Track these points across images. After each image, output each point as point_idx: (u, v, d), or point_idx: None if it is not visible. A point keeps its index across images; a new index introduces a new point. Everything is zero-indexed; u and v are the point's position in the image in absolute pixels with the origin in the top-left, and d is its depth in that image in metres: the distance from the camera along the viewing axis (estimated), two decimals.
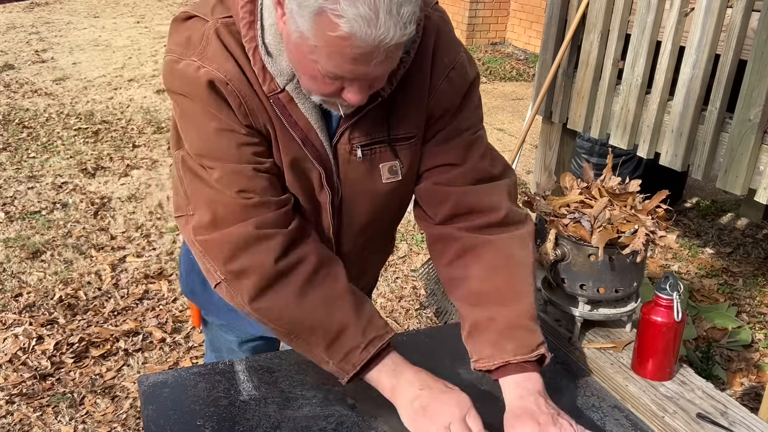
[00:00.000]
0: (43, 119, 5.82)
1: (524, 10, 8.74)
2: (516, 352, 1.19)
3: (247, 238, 1.16)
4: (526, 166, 5.22)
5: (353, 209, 1.30)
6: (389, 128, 1.23)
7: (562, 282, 1.50)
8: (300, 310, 1.18)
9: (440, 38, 1.24)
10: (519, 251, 1.28)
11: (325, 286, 1.19)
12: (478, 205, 1.28)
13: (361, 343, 1.17)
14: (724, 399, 1.35)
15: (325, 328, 1.18)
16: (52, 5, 10.97)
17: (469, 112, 1.30)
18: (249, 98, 1.16)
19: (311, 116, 1.19)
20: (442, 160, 1.29)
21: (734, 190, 2.60)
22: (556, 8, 3.29)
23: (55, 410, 2.59)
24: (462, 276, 1.28)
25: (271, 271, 1.16)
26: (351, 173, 1.26)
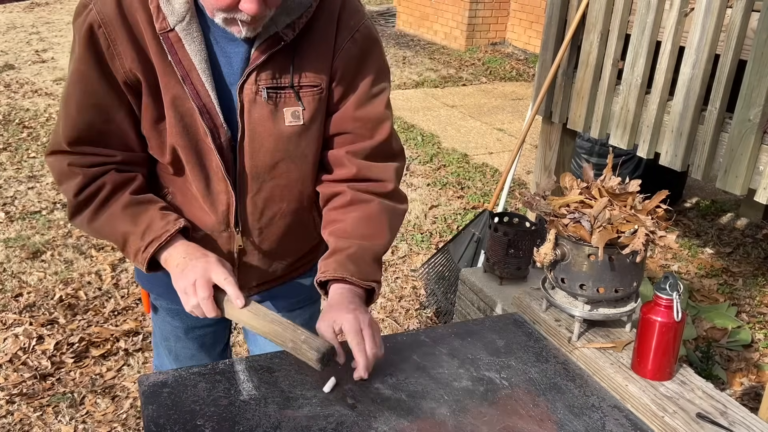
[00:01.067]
0: (43, 119, 5.82)
1: (524, 10, 8.74)
2: (353, 275, 1.37)
3: (61, 172, 1.37)
4: (526, 166, 5.22)
5: (256, 149, 1.38)
6: (293, 74, 1.34)
7: (562, 282, 1.51)
8: (95, 229, 1.40)
9: (346, 3, 1.38)
10: (393, 217, 1.46)
11: (111, 208, 1.37)
12: (374, 176, 1.44)
13: (141, 246, 1.35)
14: (723, 399, 1.35)
15: (114, 239, 1.39)
16: (52, 5, 10.97)
17: (375, 76, 1.41)
18: (120, 43, 1.27)
19: (195, 57, 1.29)
20: (353, 131, 1.42)
21: (734, 190, 2.60)
22: (556, 8, 3.30)
23: (55, 410, 2.59)
24: (340, 219, 1.44)
25: (72, 202, 1.38)
26: (255, 113, 1.35)
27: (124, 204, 1.36)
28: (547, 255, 1.48)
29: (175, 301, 1.45)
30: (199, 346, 1.71)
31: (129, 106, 1.35)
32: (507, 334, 1.55)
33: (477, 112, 6.60)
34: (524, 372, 1.41)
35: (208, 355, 1.74)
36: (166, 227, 1.35)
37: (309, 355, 1.26)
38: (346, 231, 1.41)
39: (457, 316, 2.54)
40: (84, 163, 1.36)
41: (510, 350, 1.48)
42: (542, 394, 1.34)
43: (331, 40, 1.36)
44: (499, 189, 3.37)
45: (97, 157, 1.36)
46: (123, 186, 1.38)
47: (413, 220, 4.25)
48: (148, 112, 1.34)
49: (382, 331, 3.14)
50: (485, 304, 2.28)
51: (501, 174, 4.12)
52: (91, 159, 1.36)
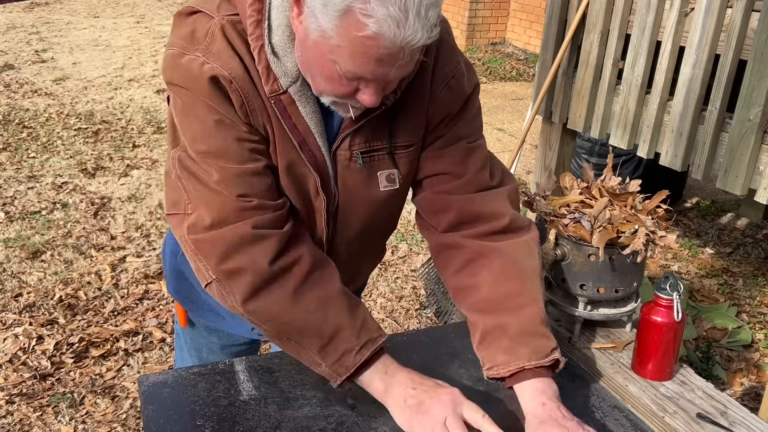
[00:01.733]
0: (43, 119, 5.82)
1: (524, 10, 8.74)
2: (531, 357, 1.19)
3: (243, 238, 1.14)
4: (526, 166, 5.22)
5: (349, 215, 1.30)
6: (387, 137, 1.23)
7: (562, 282, 1.50)
8: (294, 311, 1.17)
9: (441, 47, 1.23)
10: (526, 257, 1.28)
11: (319, 288, 1.18)
12: (482, 212, 1.28)
13: (355, 345, 1.17)
14: (724, 399, 1.35)
15: (319, 329, 1.17)
16: (52, 5, 10.97)
17: (467, 120, 1.29)
18: (251, 98, 1.14)
19: (311, 121, 1.18)
20: (441, 169, 1.29)
21: (734, 190, 2.60)
22: (556, 8, 3.29)
23: (55, 410, 2.59)
24: (471, 284, 1.27)
25: (266, 271, 1.15)
26: (349, 179, 1.25)
27: (341, 290, 1.18)
28: (547, 255, 1.48)
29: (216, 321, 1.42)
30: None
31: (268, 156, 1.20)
32: None
33: None
34: None
35: None
36: (379, 332, 1.19)
37: None
38: (487, 302, 1.24)
39: (457, 316, 2.54)
40: (273, 223, 1.16)
41: None
42: None
43: (426, 92, 1.23)
44: None
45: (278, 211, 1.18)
46: (325, 264, 1.20)
47: (413, 220, 4.25)
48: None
49: None
50: None
51: None
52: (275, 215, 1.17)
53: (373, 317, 1.23)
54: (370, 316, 1.23)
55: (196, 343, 1.63)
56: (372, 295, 3.47)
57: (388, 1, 0.94)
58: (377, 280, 3.59)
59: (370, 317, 1.23)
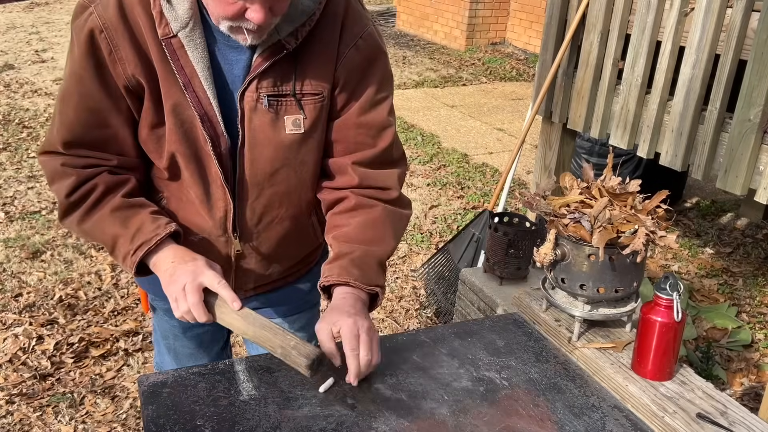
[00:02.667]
0: (43, 119, 5.82)
1: (524, 10, 8.74)
2: (358, 279, 1.35)
3: (54, 171, 1.36)
4: (526, 166, 5.22)
5: (256, 157, 1.37)
6: (295, 82, 1.33)
7: (562, 282, 1.50)
8: (85, 231, 1.39)
9: (350, 9, 1.36)
10: (397, 222, 1.46)
11: (102, 210, 1.36)
12: (376, 184, 1.44)
13: (130, 249, 1.33)
14: (724, 399, 1.35)
15: (103, 241, 1.37)
16: (52, 5, 10.97)
17: (378, 84, 1.40)
18: (122, 48, 1.27)
19: (197, 64, 1.28)
20: (355, 139, 1.41)
21: (734, 190, 2.60)
22: (556, 8, 3.29)
23: (55, 410, 2.59)
24: (344, 224, 1.43)
25: (64, 202, 1.36)
26: (255, 120, 1.34)
27: (115, 206, 1.35)
28: (547, 255, 1.48)
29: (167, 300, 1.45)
30: (198, 345, 1.71)
31: (127, 112, 1.34)
32: (507, 334, 1.55)
33: (477, 112, 6.60)
34: (524, 372, 1.41)
35: (207, 353, 1.74)
36: (156, 231, 1.33)
37: (298, 361, 1.25)
38: (349, 236, 1.40)
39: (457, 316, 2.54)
40: (78, 164, 1.35)
41: (510, 350, 1.48)
42: (542, 394, 1.34)
43: (334, 48, 1.35)
44: (499, 189, 3.37)
45: (92, 159, 1.35)
46: (115, 188, 1.36)
47: (413, 220, 4.25)
48: (147, 117, 1.33)
49: (382, 331, 3.15)
50: (485, 304, 2.28)
51: (501, 174, 4.12)
52: (86, 161, 1.35)
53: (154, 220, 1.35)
54: (152, 219, 1.35)
55: (162, 329, 1.71)
56: None
57: None
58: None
59: (151, 220, 1.34)
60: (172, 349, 1.72)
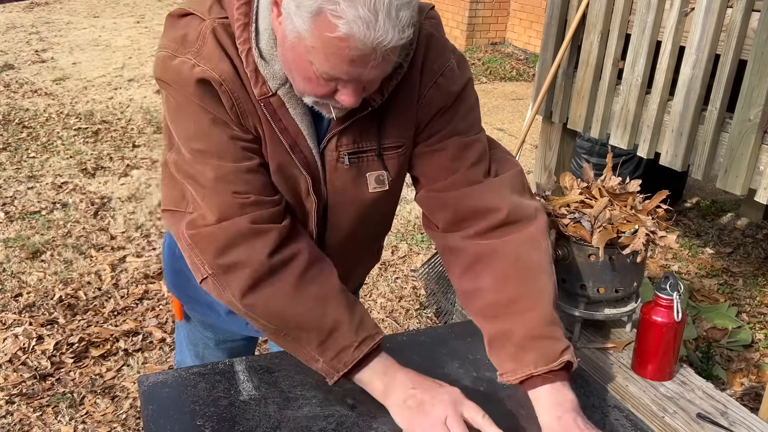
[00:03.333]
0: (43, 119, 5.82)
1: (524, 10, 8.74)
2: (537, 363, 1.16)
3: (241, 232, 1.15)
4: (526, 166, 5.22)
5: (339, 217, 1.30)
6: (376, 137, 1.23)
7: (562, 282, 1.50)
8: (293, 306, 1.16)
9: (431, 46, 1.23)
10: (529, 253, 1.23)
11: (318, 283, 1.17)
12: (477, 207, 1.25)
13: (353, 342, 1.16)
14: (724, 399, 1.35)
15: (318, 325, 1.16)
16: (52, 5, 10.97)
17: (461, 115, 1.28)
18: (242, 100, 1.15)
19: (302, 122, 1.18)
20: (434, 167, 1.28)
21: (734, 190, 2.60)
22: (556, 8, 3.29)
23: (55, 410, 2.59)
24: (473, 288, 1.25)
25: (264, 265, 1.14)
26: (337, 180, 1.25)
27: (340, 287, 1.18)
28: None
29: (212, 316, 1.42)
30: (228, 356, 1.65)
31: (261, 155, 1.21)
32: None
33: None
34: None
35: None
36: (377, 329, 1.18)
37: None
38: (489, 306, 1.22)
39: (457, 316, 2.54)
40: (271, 218, 1.17)
41: None
42: None
43: (415, 92, 1.22)
44: None
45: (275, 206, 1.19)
46: (323, 259, 1.20)
47: (413, 220, 4.25)
48: None
49: None
50: None
51: None
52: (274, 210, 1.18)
53: (370, 316, 1.22)
54: (368, 315, 1.23)
55: (193, 337, 1.63)
56: (372, 295, 3.47)
57: (357, 2, 0.95)
58: (377, 280, 3.59)
59: (368, 315, 1.22)
60: (200, 356, 1.65)
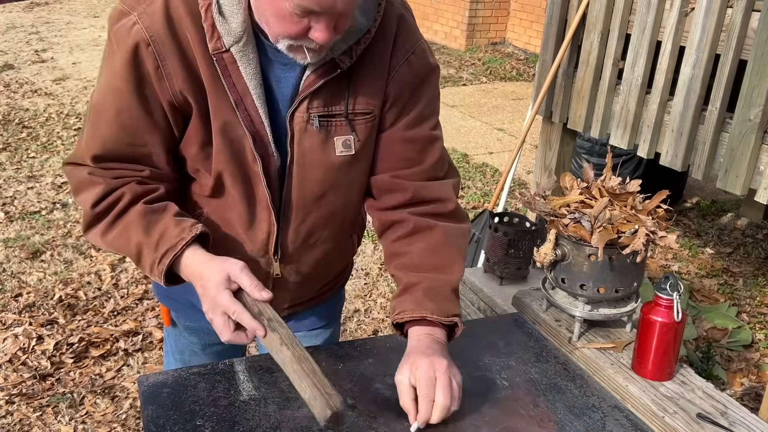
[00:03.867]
0: (43, 119, 5.82)
1: (524, 10, 8.74)
2: (434, 311, 1.28)
3: (80, 180, 1.29)
4: (526, 166, 5.22)
5: (305, 178, 1.32)
6: (347, 102, 1.28)
7: (562, 282, 1.50)
8: (109, 242, 1.31)
9: (402, 24, 1.30)
10: (458, 240, 1.38)
11: (126, 219, 1.29)
12: (430, 197, 1.37)
13: (156, 257, 1.25)
14: (724, 399, 1.35)
15: (129, 251, 1.29)
16: (52, 5, 10.97)
17: (429, 99, 1.35)
18: (169, 61, 1.20)
19: (250, 81, 1.22)
20: (403, 155, 1.35)
21: (734, 190, 2.60)
22: (556, 8, 3.29)
23: (55, 410, 2.59)
24: (405, 251, 1.36)
25: (89, 213, 1.29)
26: (305, 142, 1.28)
27: (139, 213, 1.27)
28: (547, 255, 1.48)
29: (195, 320, 1.42)
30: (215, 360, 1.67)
31: (166, 130, 1.27)
32: (507, 334, 1.54)
33: (477, 112, 6.60)
34: (524, 372, 1.41)
35: None
36: (181, 235, 1.24)
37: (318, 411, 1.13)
38: (414, 264, 1.33)
39: None
40: (106, 174, 1.28)
41: (510, 350, 1.48)
42: (542, 394, 1.34)
43: (386, 64, 1.29)
44: (499, 189, 3.37)
45: (122, 171, 1.29)
46: (142, 196, 1.28)
47: None
48: (195, 136, 1.27)
49: (382, 332, 3.15)
50: (485, 304, 2.28)
51: (501, 174, 4.11)
52: (115, 172, 1.28)
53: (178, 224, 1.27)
54: (175, 223, 1.26)
55: (179, 344, 1.64)
56: (372, 295, 3.47)
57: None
58: (377, 280, 3.59)
59: (174, 224, 1.26)
60: (186, 364, 1.64)
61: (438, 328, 1.29)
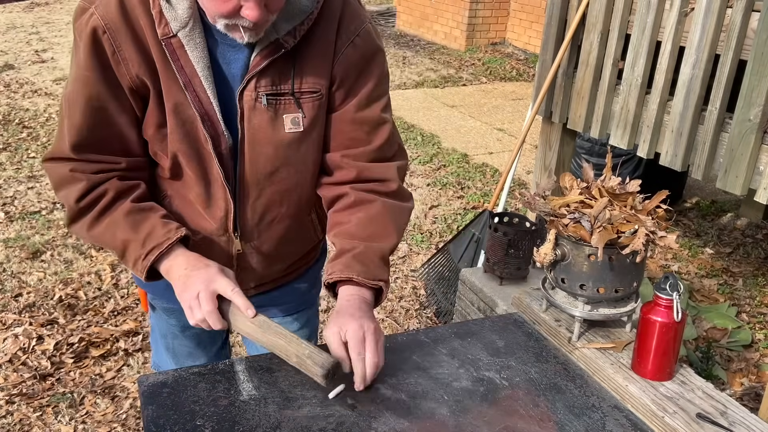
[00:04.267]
0: (43, 119, 5.82)
1: (524, 10, 8.74)
2: (360, 274, 1.35)
3: (61, 177, 1.35)
4: (526, 166, 5.22)
5: (256, 155, 1.37)
6: (293, 81, 1.33)
7: (562, 282, 1.50)
8: (94, 236, 1.38)
9: (347, 7, 1.36)
10: (398, 215, 1.45)
11: (111, 215, 1.36)
12: (375, 177, 1.43)
13: (141, 253, 1.33)
14: (724, 399, 1.35)
15: (114, 245, 1.37)
16: (52, 5, 10.97)
17: (373, 85, 1.40)
18: (125, 48, 1.26)
19: (198, 64, 1.28)
20: (351, 135, 1.41)
21: (734, 190, 2.60)
22: (556, 8, 3.29)
23: (55, 410, 2.59)
24: (346, 221, 1.42)
25: (73, 208, 1.36)
26: (255, 119, 1.34)
27: (126, 211, 1.35)
28: (547, 255, 1.48)
29: (172, 301, 1.45)
30: (196, 344, 1.72)
31: (132, 112, 1.34)
32: (507, 334, 1.55)
33: (477, 112, 6.60)
34: (524, 372, 1.41)
35: (206, 352, 1.74)
36: (167, 235, 1.33)
37: (313, 370, 1.26)
38: (350, 232, 1.40)
39: (457, 316, 2.54)
40: (87, 169, 1.34)
41: (510, 350, 1.48)
42: (542, 394, 1.34)
43: (332, 46, 1.35)
44: (499, 189, 3.37)
45: (101, 164, 1.35)
46: (125, 193, 1.36)
47: (413, 220, 4.25)
48: (152, 117, 1.33)
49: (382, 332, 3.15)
50: (485, 304, 2.28)
51: (501, 174, 4.12)
52: (95, 165, 1.35)
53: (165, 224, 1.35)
54: (162, 224, 1.34)
55: (161, 329, 1.71)
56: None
57: None
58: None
59: (162, 224, 1.34)
60: (170, 349, 1.72)
61: (365, 289, 1.36)
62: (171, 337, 1.70)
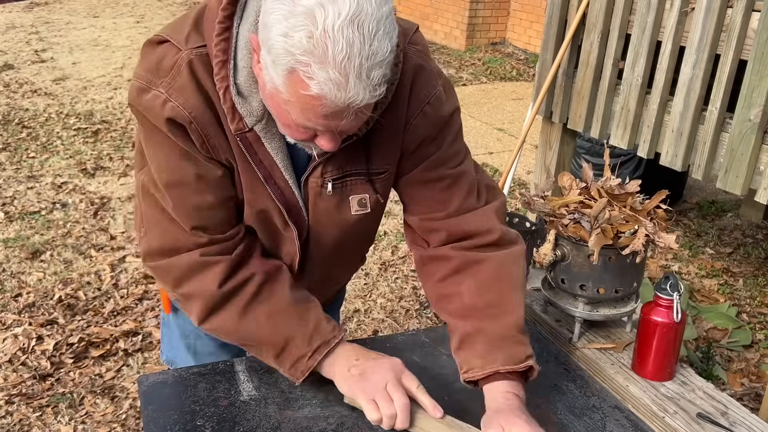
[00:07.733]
0: (43, 119, 5.81)
1: (524, 10, 8.74)
2: (505, 362, 1.22)
3: (192, 265, 1.23)
4: (526, 166, 5.22)
5: (321, 239, 1.33)
6: (361, 163, 1.25)
7: (562, 282, 1.50)
8: (244, 327, 1.25)
9: (418, 75, 1.24)
10: (511, 268, 1.31)
11: (268, 303, 1.25)
12: (471, 230, 1.31)
13: (307, 352, 1.24)
14: (724, 399, 1.35)
15: (270, 340, 1.25)
16: (52, 5, 10.97)
17: (448, 143, 1.30)
18: (212, 135, 1.18)
19: (277, 156, 1.21)
20: (427, 199, 1.31)
21: (734, 190, 2.60)
22: (556, 8, 3.29)
23: (55, 410, 2.59)
24: (454, 292, 1.30)
25: (215, 295, 1.23)
26: (320, 205, 1.27)
27: (288, 302, 1.25)
28: (546, 255, 1.48)
29: None
30: (220, 344, 1.68)
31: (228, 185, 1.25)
32: None
33: (477, 112, 6.60)
34: None
35: (229, 351, 1.72)
36: (333, 333, 1.25)
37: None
38: (467, 308, 1.27)
39: None
40: (221, 250, 1.23)
41: None
42: (543, 394, 1.34)
43: (401, 119, 1.24)
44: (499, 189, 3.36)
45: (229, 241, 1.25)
46: (275, 277, 1.27)
47: None
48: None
49: (382, 332, 3.15)
50: None
51: (501, 174, 4.11)
52: (225, 244, 1.24)
53: (329, 319, 1.28)
54: (325, 319, 1.28)
55: (184, 329, 1.65)
56: (372, 295, 3.47)
57: (328, 64, 0.96)
58: (377, 280, 3.58)
59: (325, 320, 1.27)
60: (191, 348, 1.65)
61: (515, 381, 1.23)
62: (194, 338, 1.64)
